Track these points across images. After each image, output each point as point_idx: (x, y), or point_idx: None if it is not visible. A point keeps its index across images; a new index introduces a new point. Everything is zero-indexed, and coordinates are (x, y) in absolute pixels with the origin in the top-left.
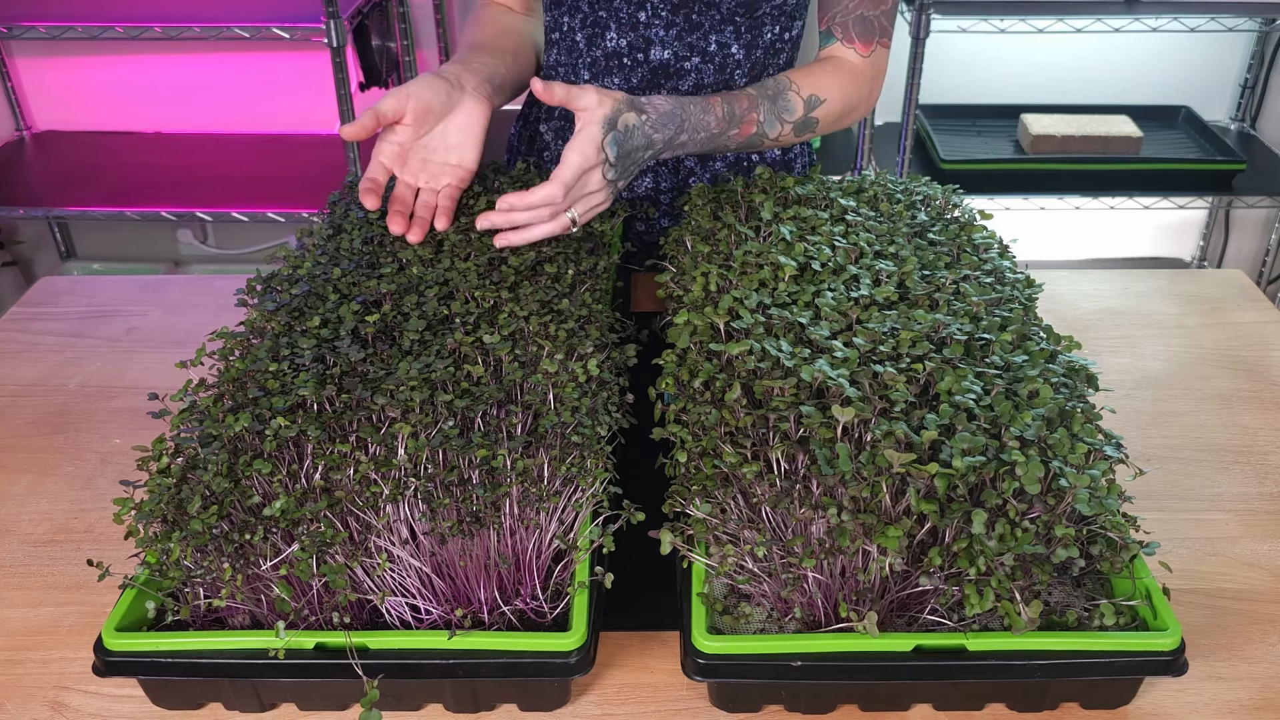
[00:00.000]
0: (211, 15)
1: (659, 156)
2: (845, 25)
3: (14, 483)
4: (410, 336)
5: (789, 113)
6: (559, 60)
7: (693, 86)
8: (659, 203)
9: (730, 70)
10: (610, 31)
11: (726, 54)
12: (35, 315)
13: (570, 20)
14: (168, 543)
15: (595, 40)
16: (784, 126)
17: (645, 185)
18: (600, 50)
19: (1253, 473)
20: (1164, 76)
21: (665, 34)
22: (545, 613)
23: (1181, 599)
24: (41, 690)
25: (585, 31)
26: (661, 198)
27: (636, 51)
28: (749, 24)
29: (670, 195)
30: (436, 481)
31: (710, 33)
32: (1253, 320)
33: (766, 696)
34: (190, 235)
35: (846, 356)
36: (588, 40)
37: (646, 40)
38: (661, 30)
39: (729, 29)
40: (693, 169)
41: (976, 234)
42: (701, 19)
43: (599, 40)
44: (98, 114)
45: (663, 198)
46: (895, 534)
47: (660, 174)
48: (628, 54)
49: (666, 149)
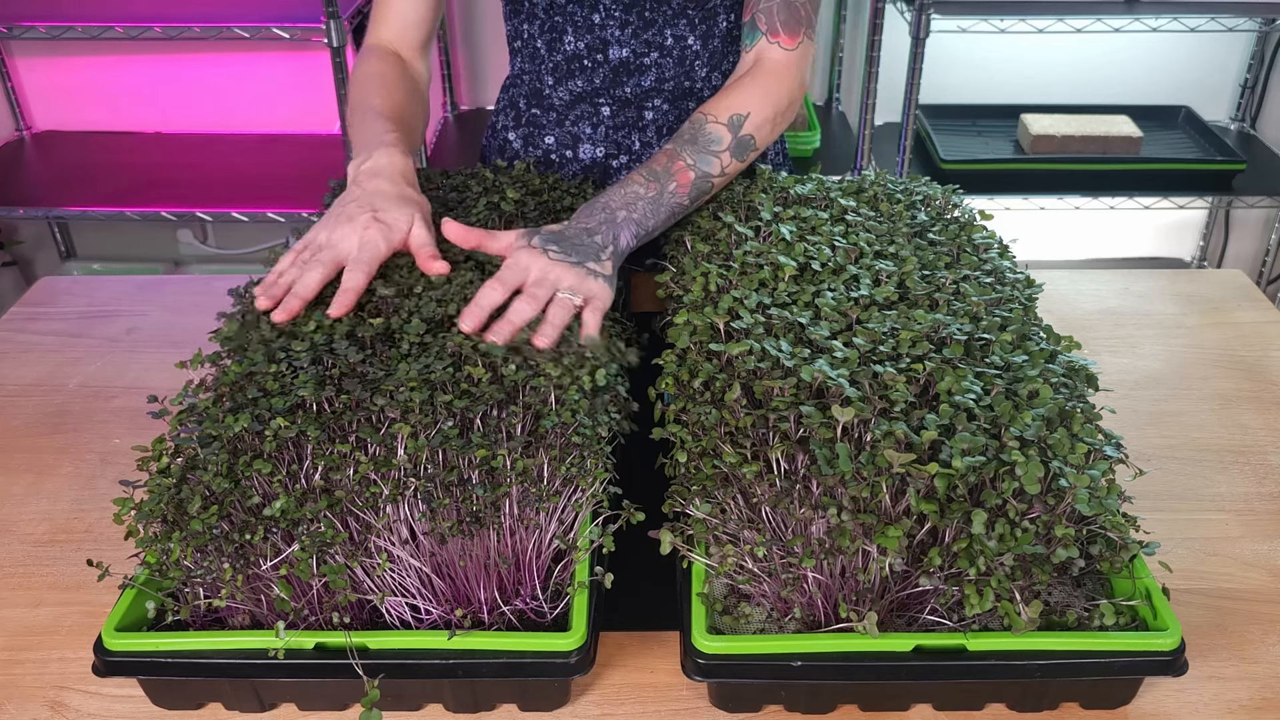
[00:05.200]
0: (211, 15)
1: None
2: (770, 14)
3: (14, 483)
4: (410, 340)
5: (717, 144)
6: (523, 68)
7: (654, 82)
8: None
9: (690, 62)
10: (568, 35)
11: (684, 47)
12: (35, 315)
13: (529, 27)
14: (168, 543)
15: (555, 45)
16: (721, 159)
17: None
18: (560, 54)
19: (1252, 473)
20: (1164, 76)
21: (621, 33)
22: (545, 613)
23: (1181, 599)
24: (41, 690)
25: (545, 37)
26: None
27: (595, 53)
28: (702, 15)
29: None
30: (436, 482)
31: (665, 27)
32: (1253, 320)
33: (766, 696)
34: (190, 235)
35: (846, 356)
36: (548, 46)
37: (603, 41)
38: (617, 30)
39: (682, 22)
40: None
41: (976, 234)
42: (654, 15)
43: (558, 45)
44: (98, 114)
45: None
46: (895, 534)
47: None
48: (587, 55)
49: (617, 231)
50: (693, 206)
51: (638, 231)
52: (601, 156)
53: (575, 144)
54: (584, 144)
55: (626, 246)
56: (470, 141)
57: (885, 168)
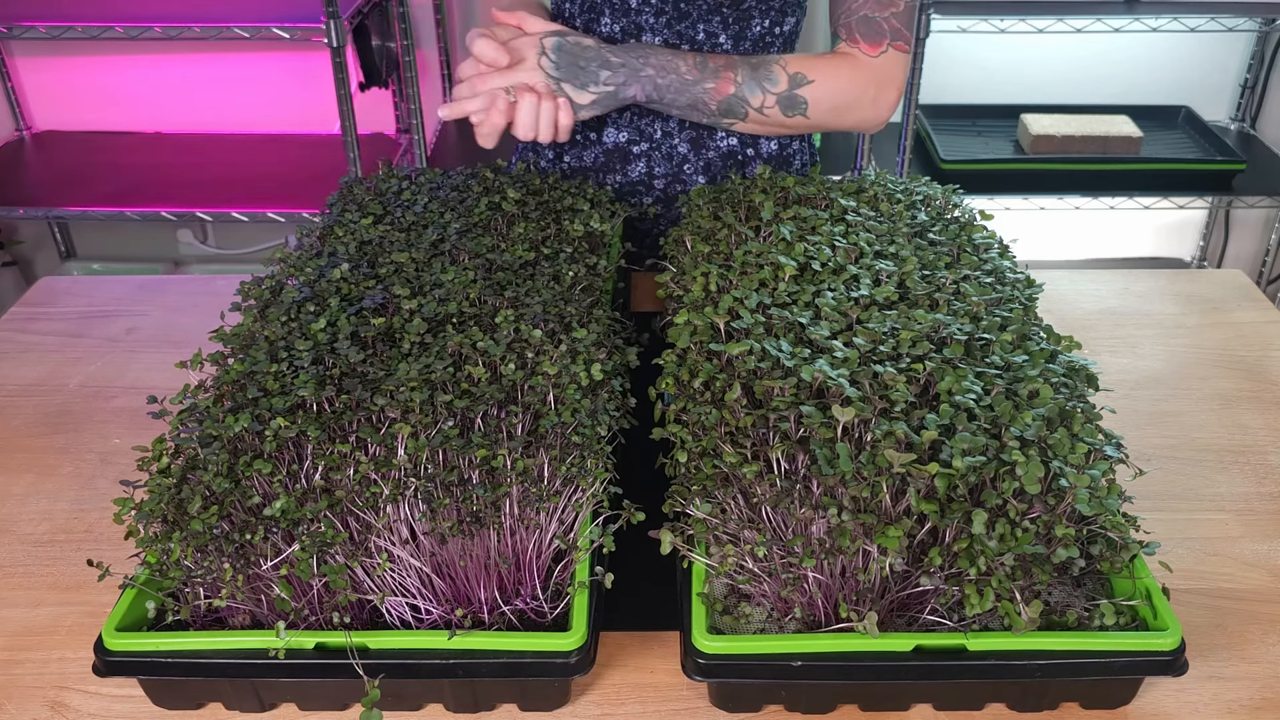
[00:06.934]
0: (211, 15)
1: (625, 87)
2: (849, 27)
3: (14, 483)
4: (411, 339)
5: (771, 82)
6: None
7: None
8: (653, 187)
9: None
10: (605, 17)
11: (715, 44)
12: (35, 315)
13: (570, 6)
14: (168, 543)
15: (590, 26)
16: (766, 96)
17: (639, 171)
18: (596, 36)
19: (1252, 473)
20: (1164, 76)
21: (655, 21)
22: (545, 613)
23: (1181, 599)
24: (41, 690)
25: (582, 18)
26: (655, 183)
27: (629, 38)
28: (735, 15)
29: (664, 181)
30: (436, 482)
31: (698, 21)
32: (1253, 320)
33: (766, 696)
34: (190, 235)
35: (846, 356)
36: (584, 27)
37: (638, 26)
38: (651, 17)
39: (715, 19)
40: (686, 155)
41: (976, 234)
42: (689, 7)
43: (594, 26)
44: (98, 114)
45: (656, 183)
46: (895, 534)
47: (654, 159)
48: (621, 40)
49: (632, 80)
50: (714, 118)
51: (652, 94)
52: (624, 141)
53: (600, 126)
54: (609, 127)
55: (629, 97)
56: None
57: (885, 168)
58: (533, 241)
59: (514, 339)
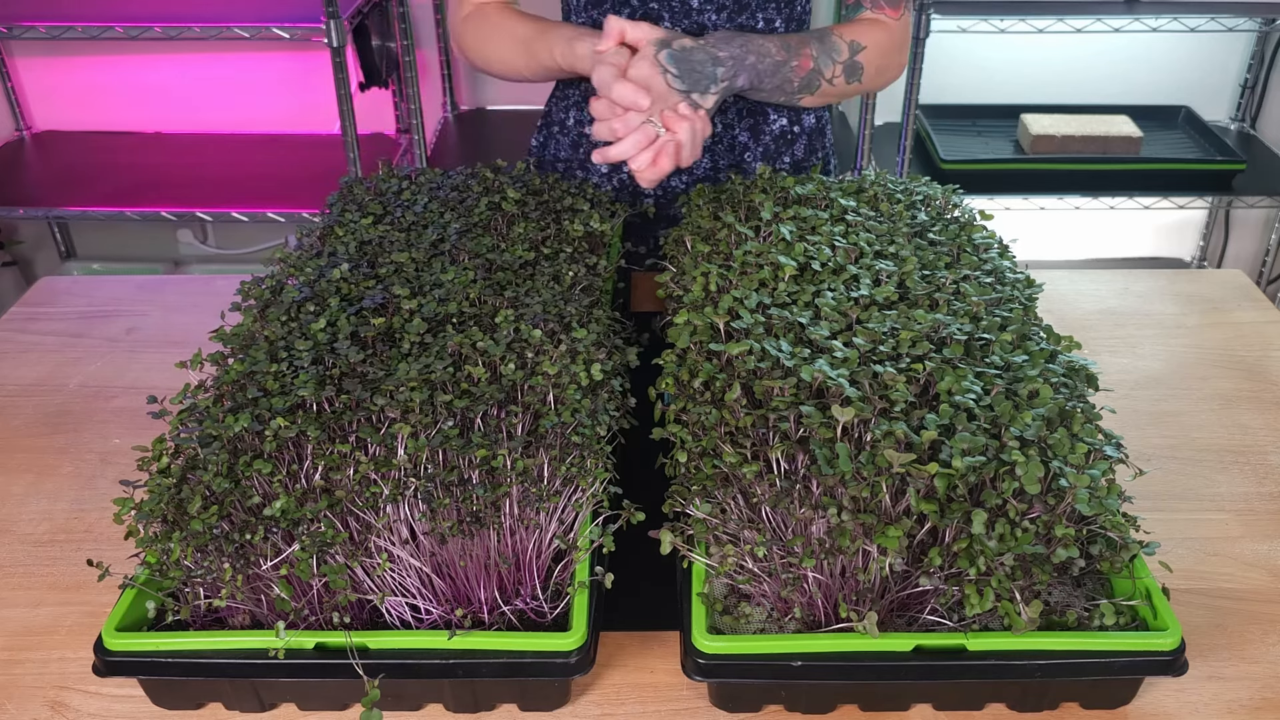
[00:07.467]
0: (211, 15)
1: (735, 79)
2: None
3: (14, 483)
4: (410, 339)
5: (837, 53)
6: None
7: None
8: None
9: None
10: (665, 22)
11: (772, 30)
12: (35, 315)
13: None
14: (168, 543)
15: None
16: (835, 66)
17: (703, 166)
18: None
19: (1252, 473)
20: (1164, 76)
21: (717, 17)
22: (545, 613)
23: (1181, 599)
24: (41, 690)
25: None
26: (719, 176)
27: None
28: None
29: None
30: (436, 482)
31: (757, 11)
32: (1253, 320)
33: (766, 696)
34: (190, 235)
35: (846, 356)
36: None
37: (700, 26)
38: (714, 14)
39: (771, 5)
40: (746, 144)
41: (976, 234)
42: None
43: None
44: (98, 114)
45: (720, 176)
46: (895, 534)
47: (716, 152)
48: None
49: (739, 70)
50: (793, 96)
51: (753, 81)
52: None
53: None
54: None
55: (737, 88)
56: (470, 141)
57: (885, 168)
58: (533, 241)
59: (514, 339)
